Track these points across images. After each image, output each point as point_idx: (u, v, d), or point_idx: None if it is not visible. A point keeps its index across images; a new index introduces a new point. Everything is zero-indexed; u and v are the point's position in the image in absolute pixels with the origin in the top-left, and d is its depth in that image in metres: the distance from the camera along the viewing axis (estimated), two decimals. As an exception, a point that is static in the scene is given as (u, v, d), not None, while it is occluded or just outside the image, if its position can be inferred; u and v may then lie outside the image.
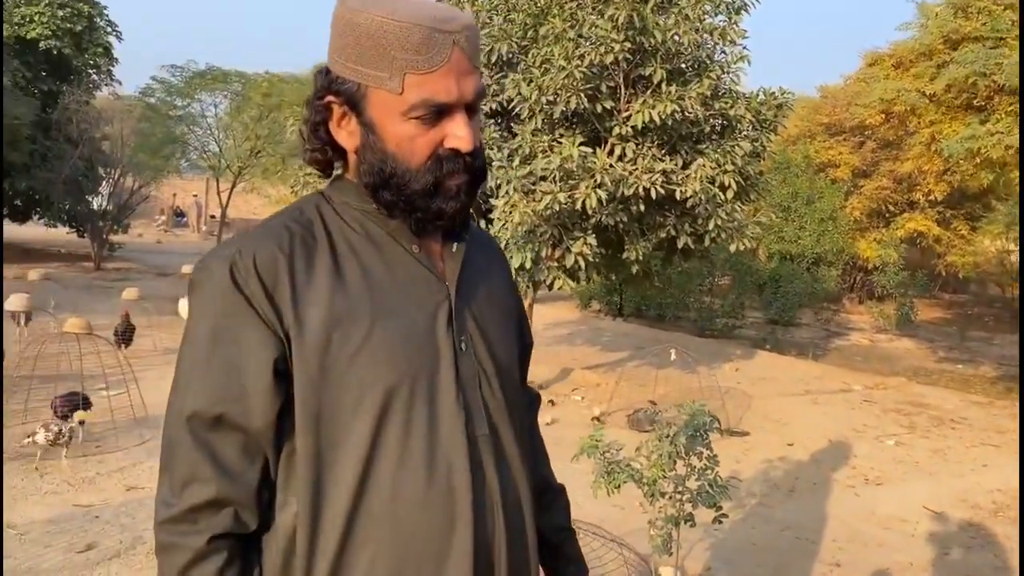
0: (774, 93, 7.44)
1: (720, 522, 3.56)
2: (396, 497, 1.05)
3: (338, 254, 1.10)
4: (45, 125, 17.33)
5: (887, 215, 17.81)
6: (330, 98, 1.10)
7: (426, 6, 1.05)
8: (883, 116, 11.10)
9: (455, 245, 1.18)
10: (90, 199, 18.22)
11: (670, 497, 3.57)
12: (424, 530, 1.06)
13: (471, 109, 1.09)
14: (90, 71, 19.97)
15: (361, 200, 1.13)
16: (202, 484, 1.03)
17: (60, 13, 18.10)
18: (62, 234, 20.02)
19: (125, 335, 8.15)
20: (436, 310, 1.12)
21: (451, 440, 1.08)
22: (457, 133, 1.07)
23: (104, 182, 18.60)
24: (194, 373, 1.05)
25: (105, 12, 20.02)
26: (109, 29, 20.29)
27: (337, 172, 1.18)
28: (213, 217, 30.37)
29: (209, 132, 24.61)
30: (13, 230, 22.11)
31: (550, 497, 1.39)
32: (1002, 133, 7.50)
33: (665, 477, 3.54)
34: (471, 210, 1.20)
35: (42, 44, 18.04)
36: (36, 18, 17.88)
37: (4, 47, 17.10)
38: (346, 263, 1.09)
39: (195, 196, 34.18)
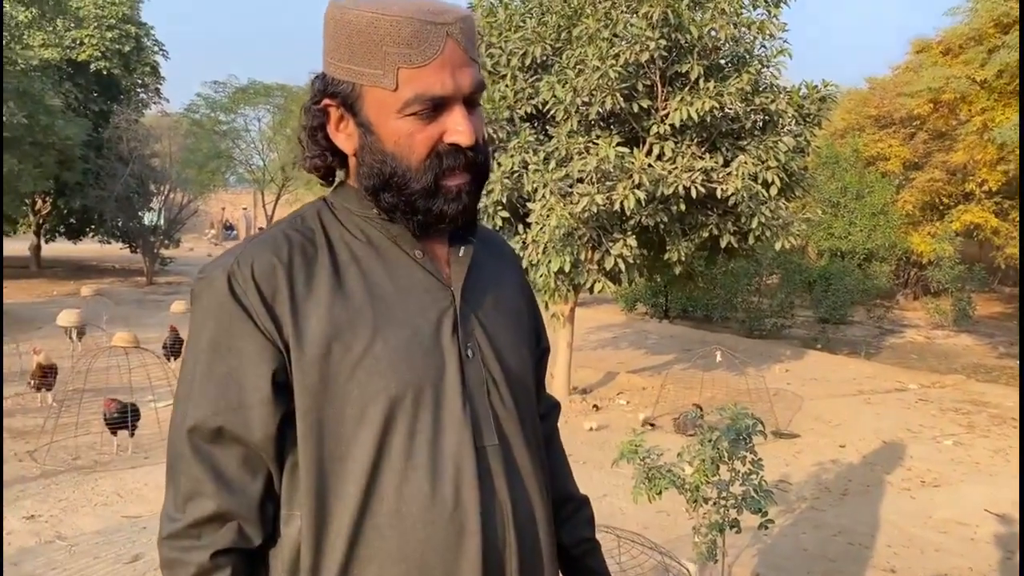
0: (816, 86, 7.26)
1: (766, 528, 3.45)
2: (401, 510, 1.02)
3: (339, 262, 1.07)
4: (97, 144, 17.83)
5: (941, 208, 17.28)
6: (326, 101, 1.07)
7: (418, 1, 1.02)
8: (932, 105, 10.77)
9: (461, 249, 1.14)
10: (142, 215, 18.67)
11: (714, 503, 3.48)
12: (431, 544, 1.02)
13: (470, 102, 1.05)
14: (138, 90, 20.52)
15: (362, 205, 1.10)
16: (204, 498, 1.02)
17: (109, 35, 18.63)
18: (115, 250, 20.53)
19: (174, 348, 8.30)
20: (440, 317, 1.08)
21: (458, 451, 1.04)
22: (456, 127, 1.03)
23: (154, 198, 19.04)
24: (194, 385, 1.04)
25: (152, 32, 20.55)
26: (156, 48, 20.82)
27: (340, 178, 1.16)
28: (261, 229, 30.87)
29: (253, 145, 25.07)
30: (68, 248, 22.77)
31: (571, 508, 1.34)
32: (1058, 118, 7.21)
33: (708, 482, 3.45)
34: (507, 215, 1.16)
35: (93, 66, 18.58)
36: (86, 40, 18.43)
37: (56, 70, 17.64)
38: (347, 271, 1.07)
39: (244, 209, 34.84)
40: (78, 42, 18.46)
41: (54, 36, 18.04)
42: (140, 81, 20.35)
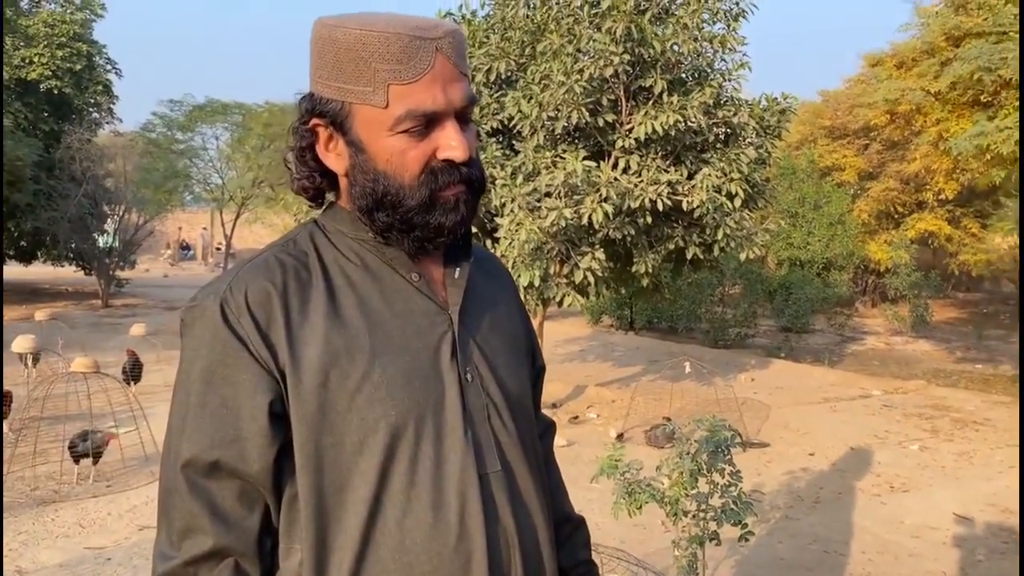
0: (776, 99, 7.39)
1: (746, 539, 3.44)
2: (405, 542, 0.99)
3: (334, 287, 1.04)
4: (48, 165, 17.40)
5: (896, 216, 17.66)
6: (315, 121, 1.04)
7: (406, 17, 1.00)
8: (888, 116, 11.01)
9: (457, 270, 1.11)
10: (96, 236, 18.26)
11: (693, 516, 3.47)
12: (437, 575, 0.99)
13: (462, 117, 1.03)
14: (91, 109, 20.10)
15: (356, 228, 1.07)
16: (200, 535, 0.98)
17: (60, 53, 18.22)
18: (69, 272, 20.06)
19: (133, 372, 8.11)
20: (439, 341, 1.05)
21: (461, 479, 1.01)
22: (450, 143, 1.00)
23: (109, 219, 18.65)
24: (188, 417, 0.99)
25: (104, 50, 20.17)
26: (108, 67, 20.44)
27: (330, 199, 1.12)
28: (219, 248, 30.47)
29: (211, 164, 24.74)
30: (20, 271, 22.20)
31: (568, 530, 1.32)
32: (1011, 128, 7.39)
33: (688, 496, 3.43)
34: (474, 230, 1.14)
35: (43, 85, 18.17)
36: (36, 59, 18.00)
37: (6, 90, 17.23)
38: (342, 296, 1.03)
39: (204, 229, 34.35)
40: (27, 61, 18.04)
41: (3, 55, 17.63)
42: (92, 100, 19.94)
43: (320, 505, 0.98)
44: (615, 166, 6.65)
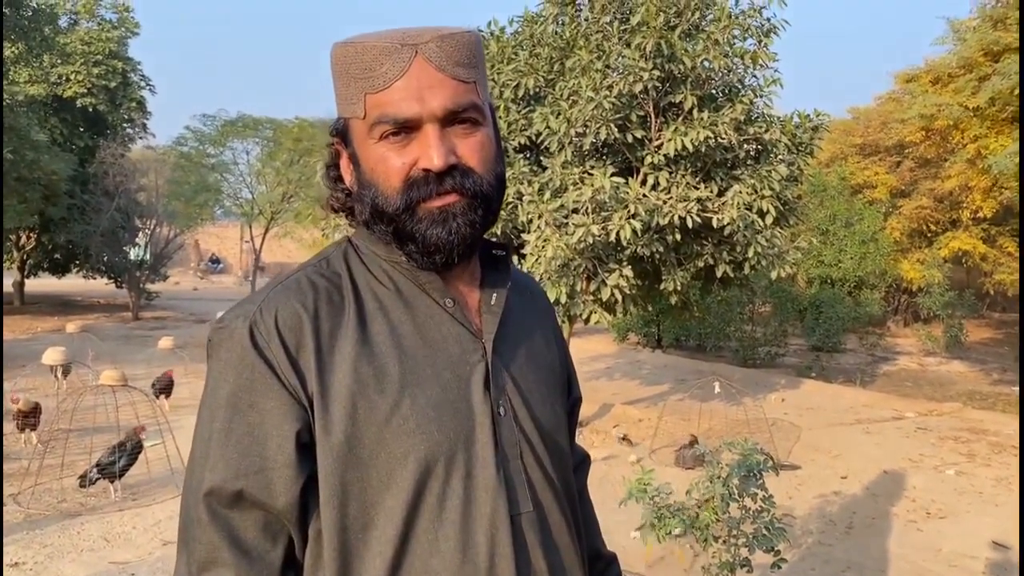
0: (808, 116, 7.29)
1: (779, 567, 3.35)
2: None
3: (365, 312, 1.00)
4: (83, 179, 17.70)
5: (929, 235, 17.39)
6: (335, 140, 1.05)
7: (407, 28, 0.97)
8: (923, 133, 10.84)
9: (493, 296, 1.06)
10: (127, 249, 18.50)
11: (724, 541, 3.38)
12: None
13: (459, 121, 0.96)
14: (125, 125, 20.43)
15: (389, 250, 1.03)
16: (222, 568, 0.93)
17: (95, 71, 18.57)
18: (100, 285, 20.33)
19: (167, 390, 8.12)
20: (471, 372, 1.00)
21: (492, 520, 0.96)
22: (426, 151, 0.95)
23: (140, 232, 18.90)
24: (212, 444, 0.95)
25: (139, 67, 20.52)
26: (143, 84, 20.78)
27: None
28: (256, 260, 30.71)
29: (241, 179, 25.00)
30: (53, 283, 22.55)
31: (600, 568, 1.28)
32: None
33: (719, 521, 3.35)
34: (510, 251, 1.09)
35: (79, 101, 18.50)
36: (72, 76, 18.36)
37: (43, 106, 17.56)
38: (373, 322, 0.99)
39: (247, 242, 34.75)
40: (64, 78, 18.40)
41: (40, 72, 17.98)
42: (126, 116, 20.28)
43: (344, 543, 0.94)
44: (644, 182, 6.59)
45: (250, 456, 0.93)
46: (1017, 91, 7.46)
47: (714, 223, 6.52)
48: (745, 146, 6.87)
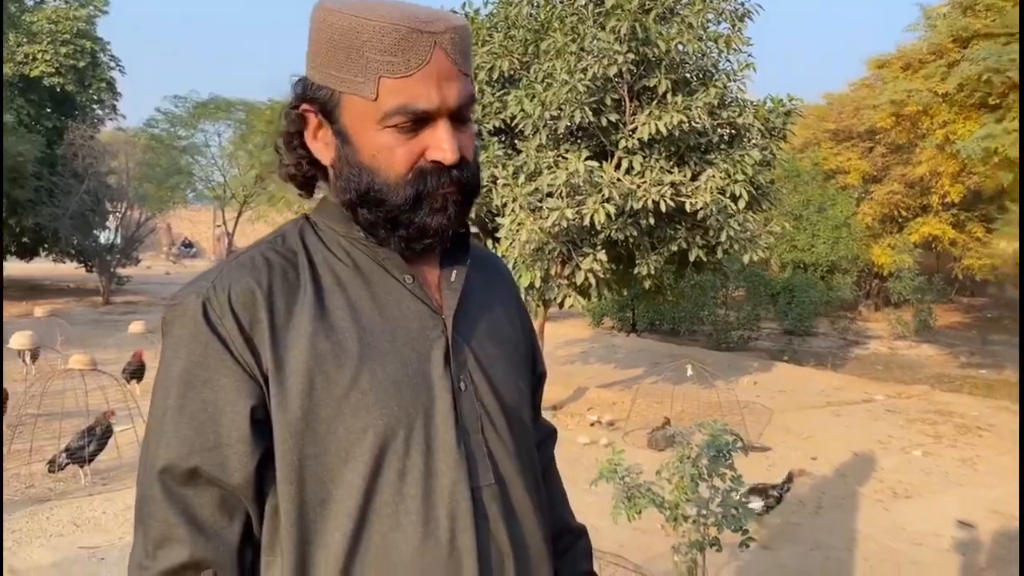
0: (782, 100, 7.33)
1: (747, 546, 3.40)
2: (392, 557, 0.94)
3: (322, 288, 0.99)
4: (51, 161, 17.38)
5: (900, 220, 17.59)
6: (305, 106, 1.00)
7: (409, 6, 0.95)
8: (894, 118, 10.94)
9: (453, 273, 1.06)
10: (97, 233, 18.22)
11: (694, 521, 3.42)
12: None
13: (459, 117, 0.97)
14: (94, 106, 20.07)
15: (348, 227, 1.02)
16: (177, 545, 0.93)
17: (63, 50, 18.19)
18: (70, 269, 20.04)
19: (137, 373, 8.03)
20: (431, 347, 1.00)
21: (452, 492, 0.96)
22: (440, 144, 0.95)
23: (111, 215, 18.62)
24: (166, 421, 0.95)
25: (108, 47, 20.14)
26: (112, 64, 20.41)
27: (321, 193, 1.08)
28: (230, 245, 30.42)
29: (213, 161, 24.71)
30: (21, 267, 22.19)
31: (569, 540, 1.27)
32: (1019, 131, 7.32)
33: (688, 500, 3.38)
34: (475, 230, 1.09)
35: (46, 81, 18.14)
36: (39, 56, 17.98)
37: (8, 86, 17.20)
38: (331, 298, 0.98)
39: (219, 227, 34.39)
40: (31, 57, 18.01)
41: (6, 51, 17.61)
42: (96, 97, 19.92)
43: (302, 518, 0.93)
44: (618, 166, 6.60)
45: (204, 433, 0.93)
46: (985, 77, 7.56)
47: (687, 207, 6.55)
48: (719, 130, 6.90)
